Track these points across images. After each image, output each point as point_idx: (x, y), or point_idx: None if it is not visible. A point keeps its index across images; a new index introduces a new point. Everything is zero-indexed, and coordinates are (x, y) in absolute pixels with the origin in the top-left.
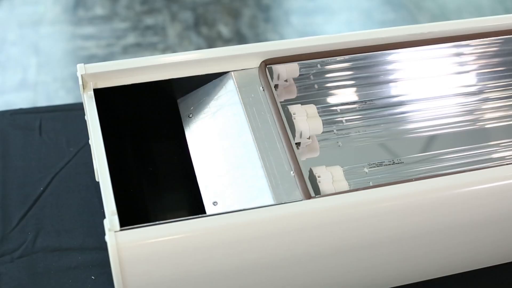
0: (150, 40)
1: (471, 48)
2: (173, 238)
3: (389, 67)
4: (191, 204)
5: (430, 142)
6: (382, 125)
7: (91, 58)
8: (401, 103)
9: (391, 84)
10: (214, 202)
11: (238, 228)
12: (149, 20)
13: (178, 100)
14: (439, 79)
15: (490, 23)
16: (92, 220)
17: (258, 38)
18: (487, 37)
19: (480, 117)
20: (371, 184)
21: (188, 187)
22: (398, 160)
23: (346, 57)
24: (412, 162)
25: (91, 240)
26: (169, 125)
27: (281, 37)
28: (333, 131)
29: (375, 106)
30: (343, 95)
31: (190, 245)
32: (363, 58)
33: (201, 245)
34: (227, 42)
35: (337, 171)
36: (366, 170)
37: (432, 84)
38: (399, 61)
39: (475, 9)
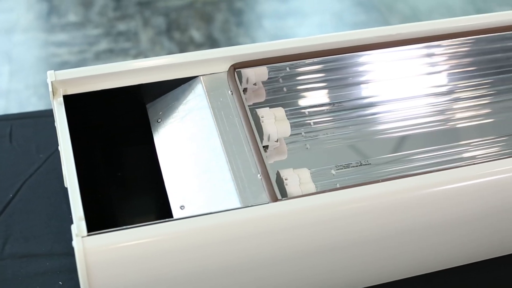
0: (123, 46)
1: (442, 48)
2: (139, 242)
3: (360, 68)
4: (159, 208)
5: (401, 142)
6: (351, 126)
7: (63, 65)
8: (371, 105)
9: (361, 86)
10: (182, 206)
11: (204, 231)
12: (121, 26)
13: (147, 105)
14: (410, 80)
15: (461, 23)
16: (61, 226)
17: (230, 42)
18: (458, 37)
19: (451, 117)
20: (338, 185)
21: (156, 192)
22: (366, 161)
23: (316, 59)
24: (381, 163)
25: (59, 246)
26: (138, 130)
27: (253, 41)
28: (301, 133)
29: (344, 108)
30: (313, 98)
31: (156, 249)
32: (333, 60)
33: (168, 249)
34: (199, 46)
35: (304, 174)
36: (333, 172)
37: (403, 85)
38: (370, 63)
39: (447, 10)
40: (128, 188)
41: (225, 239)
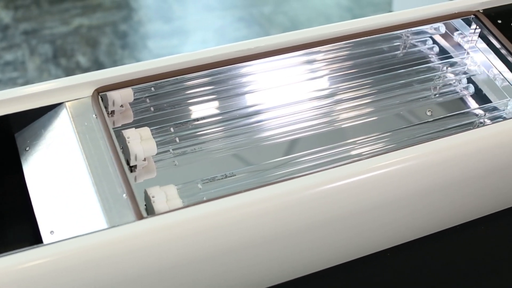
0: (10, 76)
1: (322, 54)
2: (7, 270)
3: (243, 79)
4: (31, 236)
5: (287, 147)
6: (221, 139)
7: None
8: (250, 114)
9: (241, 96)
10: (51, 232)
11: (71, 254)
12: (8, 56)
13: (16, 135)
14: (293, 86)
15: (338, 28)
16: None
17: (116, 65)
18: (336, 42)
19: (336, 118)
20: (204, 199)
21: (28, 220)
22: (230, 173)
23: (186, 76)
24: (265, 169)
25: None
26: (8, 160)
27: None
28: (169, 151)
29: (212, 122)
30: (180, 115)
31: (25, 276)
32: (203, 76)
33: (37, 275)
34: (85, 71)
35: (171, 190)
36: (199, 186)
37: (286, 92)
38: (247, 74)
39: (325, 19)
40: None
41: (92, 260)
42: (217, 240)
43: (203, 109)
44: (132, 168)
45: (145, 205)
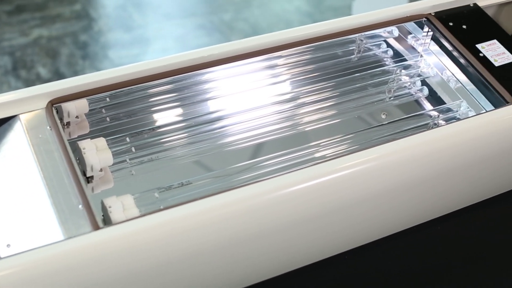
0: None
1: (283, 58)
2: None
3: (205, 86)
4: None
5: (250, 152)
6: (179, 147)
7: None
8: (210, 121)
9: (195, 105)
10: (8, 245)
11: (28, 267)
12: None
13: None
14: (256, 91)
15: (294, 34)
16: None
17: (76, 75)
18: (296, 46)
19: (300, 122)
20: (161, 207)
21: None
22: (187, 181)
23: (144, 85)
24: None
25: None
26: None
27: None
28: (126, 160)
29: (172, 130)
30: (138, 124)
31: None
32: (161, 84)
33: None
34: (46, 82)
35: (128, 200)
36: (156, 195)
37: (249, 97)
38: (202, 82)
39: (286, 25)
40: None
41: (50, 272)
42: (174, 248)
43: (162, 117)
44: (89, 179)
45: (103, 215)
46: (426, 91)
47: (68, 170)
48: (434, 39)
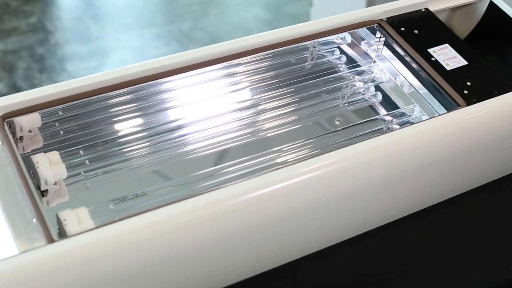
0: None
1: (242, 66)
2: None
3: (165, 95)
4: None
5: (206, 161)
6: (134, 159)
7: None
8: (168, 130)
9: (154, 114)
10: None
11: None
12: None
13: None
14: (217, 99)
15: (252, 41)
16: None
17: None
18: (251, 54)
19: (261, 128)
20: (116, 219)
21: None
22: (141, 192)
23: (95, 98)
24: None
25: None
26: None
27: None
28: (80, 173)
29: (130, 140)
30: (92, 136)
31: None
32: (118, 95)
33: None
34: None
35: (82, 212)
36: (111, 206)
37: (210, 105)
38: (161, 91)
39: (244, 33)
40: None
41: (4, 286)
42: (130, 258)
43: (118, 129)
44: (43, 193)
45: (58, 229)
46: (380, 96)
47: (21, 184)
48: (387, 44)
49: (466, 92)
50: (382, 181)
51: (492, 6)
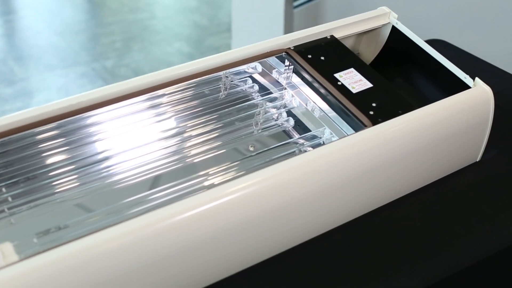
0: None
1: (167, 96)
2: None
3: (91, 129)
4: None
5: (133, 190)
6: (60, 192)
7: None
8: (93, 162)
9: (79, 148)
10: None
11: None
12: None
13: None
14: (142, 130)
15: (171, 72)
16: None
17: None
18: (177, 83)
19: (187, 154)
20: (40, 251)
21: None
22: (64, 225)
23: (15, 136)
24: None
25: None
26: None
27: None
28: (4, 210)
29: (52, 176)
30: (16, 173)
31: None
32: (40, 132)
33: None
34: None
35: (7, 247)
36: (35, 240)
37: (135, 136)
38: (85, 126)
39: (167, 67)
40: None
41: None
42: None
43: (44, 164)
44: None
45: None
46: (292, 121)
47: None
48: (295, 71)
49: (371, 113)
50: (298, 199)
51: (394, 30)
